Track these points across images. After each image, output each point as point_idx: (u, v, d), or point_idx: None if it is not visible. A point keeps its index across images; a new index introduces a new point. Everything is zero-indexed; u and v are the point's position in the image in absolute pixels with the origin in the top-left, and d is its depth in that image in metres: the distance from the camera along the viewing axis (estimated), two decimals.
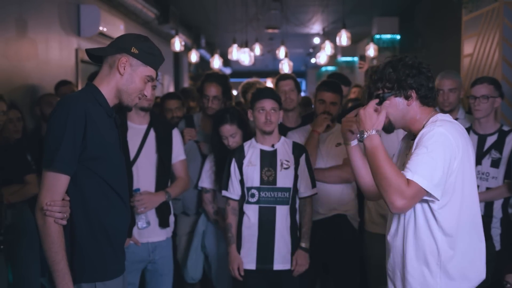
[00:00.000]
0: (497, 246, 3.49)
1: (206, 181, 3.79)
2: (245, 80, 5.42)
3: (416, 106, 2.23)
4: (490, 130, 3.57)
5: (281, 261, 3.28)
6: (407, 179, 2.05)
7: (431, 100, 2.26)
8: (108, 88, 2.25)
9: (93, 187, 2.19)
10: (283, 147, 3.36)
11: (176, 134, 3.46)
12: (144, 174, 3.24)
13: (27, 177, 3.68)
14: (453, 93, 3.77)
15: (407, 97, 2.22)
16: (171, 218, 3.39)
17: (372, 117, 2.18)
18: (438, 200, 2.09)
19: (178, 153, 3.43)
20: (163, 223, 3.29)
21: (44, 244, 2.10)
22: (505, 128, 3.58)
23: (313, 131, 3.63)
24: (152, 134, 3.31)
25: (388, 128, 2.27)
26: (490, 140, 3.54)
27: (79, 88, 5.87)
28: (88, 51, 2.29)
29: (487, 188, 3.51)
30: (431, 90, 2.24)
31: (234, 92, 6.44)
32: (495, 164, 3.49)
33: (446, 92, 3.76)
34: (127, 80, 2.24)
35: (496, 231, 3.51)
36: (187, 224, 4.06)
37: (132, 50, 2.22)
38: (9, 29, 4.62)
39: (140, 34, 2.34)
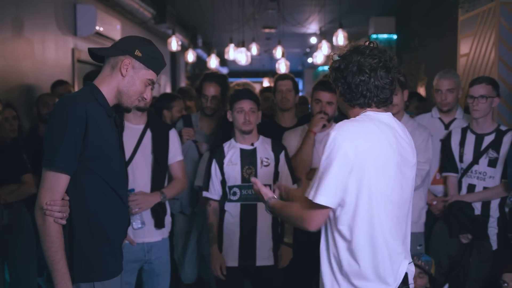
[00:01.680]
0: (494, 246, 3.50)
1: (202, 180, 3.78)
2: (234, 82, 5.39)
3: (340, 101, 2.09)
4: (487, 129, 3.57)
5: (263, 257, 3.32)
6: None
7: (356, 102, 2.03)
8: (108, 88, 2.25)
9: (92, 187, 2.18)
10: (263, 145, 3.41)
11: (173, 134, 3.44)
12: (139, 174, 3.23)
13: (24, 177, 3.67)
14: (451, 93, 3.77)
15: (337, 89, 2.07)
16: (168, 219, 3.37)
17: None
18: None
19: (175, 153, 3.41)
20: (159, 224, 3.28)
21: (43, 243, 2.09)
22: (503, 128, 3.58)
23: (309, 131, 3.62)
24: (148, 134, 3.30)
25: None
26: (488, 140, 3.54)
27: (76, 88, 5.86)
28: (90, 50, 2.29)
29: (484, 188, 3.52)
30: (354, 93, 2.00)
31: None
32: (492, 163, 3.50)
33: (444, 92, 3.76)
34: (128, 82, 2.25)
35: (493, 230, 3.51)
36: (184, 224, 4.06)
37: (135, 53, 2.23)
38: (6, 29, 4.61)
39: (144, 38, 2.35)
